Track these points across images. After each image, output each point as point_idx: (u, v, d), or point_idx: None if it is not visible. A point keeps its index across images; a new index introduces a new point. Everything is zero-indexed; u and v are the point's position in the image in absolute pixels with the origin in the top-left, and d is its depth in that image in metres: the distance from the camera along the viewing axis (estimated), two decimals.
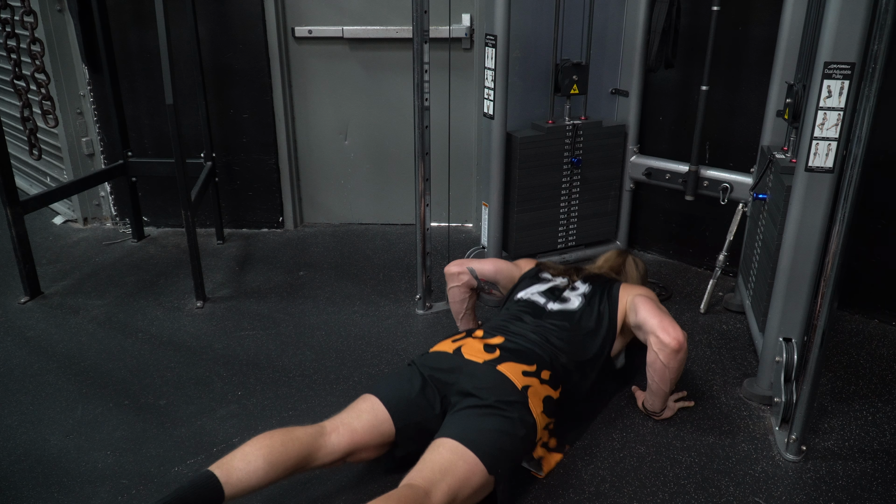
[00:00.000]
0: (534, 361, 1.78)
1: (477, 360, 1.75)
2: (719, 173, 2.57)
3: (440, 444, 1.54)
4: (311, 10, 3.16)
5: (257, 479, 1.48)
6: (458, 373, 1.73)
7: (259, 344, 2.40)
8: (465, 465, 1.50)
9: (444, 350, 1.83)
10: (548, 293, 2.08)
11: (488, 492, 1.58)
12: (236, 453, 1.50)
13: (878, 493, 1.72)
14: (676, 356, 1.81)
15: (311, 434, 1.58)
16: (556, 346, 1.87)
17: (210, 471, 1.46)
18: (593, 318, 1.98)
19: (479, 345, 1.82)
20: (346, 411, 1.68)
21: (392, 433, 1.67)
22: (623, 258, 2.33)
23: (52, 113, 2.86)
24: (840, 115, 1.70)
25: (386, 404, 1.68)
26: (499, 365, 1.73)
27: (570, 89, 2.56)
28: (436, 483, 1.44)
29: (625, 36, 2.71)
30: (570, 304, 2.03)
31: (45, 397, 2.11)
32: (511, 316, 2.01)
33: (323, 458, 1.59)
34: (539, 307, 2.03)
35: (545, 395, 1.74)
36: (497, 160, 2.50)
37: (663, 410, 1.98)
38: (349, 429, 1.63)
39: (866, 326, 2.50)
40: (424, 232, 2.52)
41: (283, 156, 3.31)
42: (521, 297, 2.10)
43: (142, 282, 2.86)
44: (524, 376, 1.72)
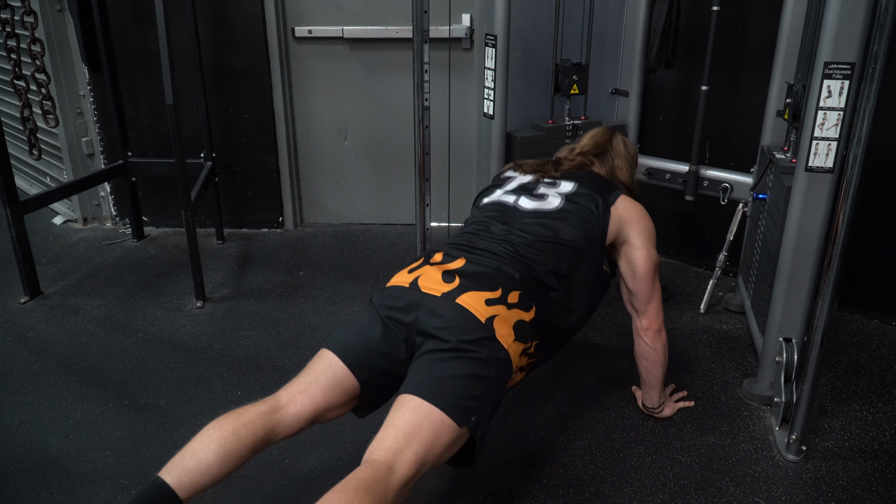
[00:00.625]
0: (498, 285, 1.54)
1: (435, 293, 1.53)
2: (719, 173, 2.56)
3: (402, 402, 1.38)
4: (311, 10, 3.16)
5: (212, 476, 1.35)
6: (415, 310, 1.51)
7: (259, 344, 2.40)
8: (431, 424, 1.34)
9: (399, 283, 1.60)
10: (516, 190, 1.83)
11: (464, 441, 1.42)
12: (185, 452, 1.36)
13: (878, 493, 1.72)
14: (660, 335, 1.83)
15: (264, 412, 1.44)
16: (527, 255, 1.63)
17: (159, 477, 1.32)
18: (575, 223, 1.72)
19: (438, 273, 1.58)
20: (302, 374, 1.52)
21: (357, 387, 1.51)
22: (610, 136, 2.06)
23: (52, 113, 2.86)
24: (840, 115, 1.70)
25: (344, 359, 1.51)
26: (459, 297, 1.51)
27: (570, 89, 2.56)
28: (399, 451, 1.29)
29: (625, 36, 2.71)
30: (547, 203, 1.77)
31: (45, 397, 2.11)
32: (478, 227, 1.76)
33: (285, 431, 1.46)
34: (508, 207, 1.78)
35: (515, 320, 1.53)
36: (497, 160, 2.49)
37: (663, 407, 1.97)
38: (307, 395, 1.48)
39: (866, 326, 2.50)
40: (424, 232, 2.52)
41: (283, 156, 3.31)
42: (487, 200, 1.86)
43: (142, 282, 2.86)
44: (488, 305, 1.51)
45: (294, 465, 1.82)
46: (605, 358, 2.31)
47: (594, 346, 2.40)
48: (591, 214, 1.75)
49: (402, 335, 1.51)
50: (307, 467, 1.81)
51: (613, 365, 2.27)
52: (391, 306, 1.55)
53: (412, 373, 1.45)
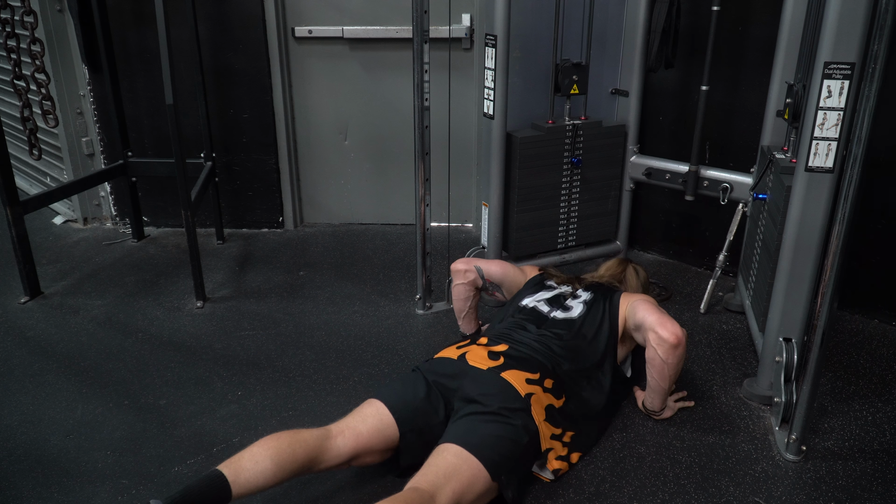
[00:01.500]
0: (537, 370, 1.78)
1: (481, 367, 1.77)
2: (719, 173, 2.57)
3: (444, 448, 1.56)
4: (311, 10, 3.16)
5: (264, 480, 1.49)
6: (461, 378, 1.75)
7: (259, 344, 2.40)
8: (469, 470, 1.51)
9: (448, 356, 1.85)
10: (551, 301, 2.08)
11: (491, 497, 1.59)
12: (244, 453, 1.52)
13: (878, 493, 1.72)
14: (675, 351, 1.81)
15: (317, 437, 1.59)
16: (557, 354, 1.87)
17: (218, 469, 1.48)
18: (594, 326, 1.98)
19: (484, 352, 1.83)
20: (351, 415, 1.69)
21: (396, 438, 1.68)
22: (624, 267, 2.34)
23: (52, 113, 2.86)
24: (840, 115, 1.70)
25: (390, 409, 1.69)
26: (503, 372, 1.74)
27: (570, 89, 2.56)
28: (440, 487, 1.46)
29: (625, 36, 2.71)
30: (572, 313, 2.03)
31: (45, 397, 2.11)
32: (515, 324, 2.01)
33: (328, 461, 1.60)
34: (542, 316, 2.03)
35: (547, 403, 1.75)
36: (497, 160, 2.50)
37: (663, 410, 1.98)
38: (354, 432, 1.64)
39: (866, 326, 2.50)
40: (424, 232, 2.52)
41: (283, 156, 3.31)
42: (524, 304, 2.09)
43: (142, 282, 2.86)
44: (527, 384, 1.73)
45: None
46: None
47: None
48: (605, 316, 2.00)
49: (444, 398, 1.74)
50: None
51: None
52: (439, 372, 1.79)
53: (452, 428, 1.64)
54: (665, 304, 2.66)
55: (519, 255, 2.72)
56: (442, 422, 1.71)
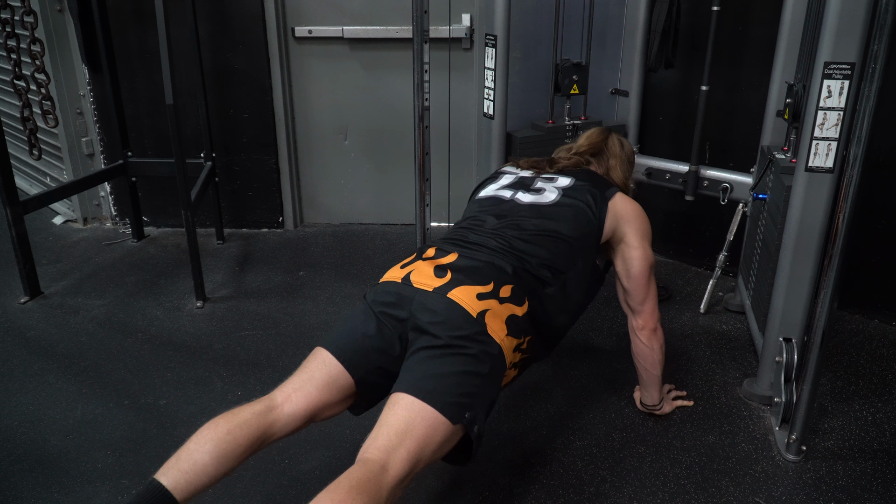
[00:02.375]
0: (490, 279, 1.53)
1: (426, 288, 1.52)
2: (719, 173, 2.56)
3: (395, 401, 1.37)
4: (311, 10, 3.16)
5: (208, 477, 1.34)
6: (408, 305, 1.50)
7: (259, 344, 2.40)
8: (424, 422, 1.33)
9: (392, 279, 1.60)
10: (513, 185, 1.82)
11: (458, 438, 1.41)
12: (180, 453, 1.35)
13: (878, 493, 1.72)
14: (656, 334, 1.82)
15: (259, 412, 1.42)
16: (521, 249, 1.62)
17: (155, 479, 1.31)
18: (571, 217, 1.71)
19: (430, 267, 1.58)
20: (297, 373, 1.51)
21: (352, 385, 1.50)
22: (606, 135, 2.06)
23: (52, 113, 2.86)
24: (840, 115, 1.70)
25: (338, 357, 1.50)
26: (450, 291, 1.50)
27: (570, 89, 2.56)
28: (393, 450, 1.28)
29: (625, 36, 2.71)
30: (542, 197, 1.76)
31: (45, 397, 2.11)
32: (472, 221, 1.75)
33: (281, 431, 1.45)
34: (504, 202, 1.76)
35: (507, 314, 1.52)
36: (497, 160, 2.49)
37: (661, 404, 1.97)
38: (303, 394, 1.46)
39: (866, 326, 2.50)
40: (424, 232, 2.52)
41: (283, 156, 3.31)
42: (482, 195, 1.85)
43: (142, 282, 2.86)
44: (479, 300, 1.49)
45: (294, 465, 1.82)
46: (605, 358, 2.31)
47: (594, 346, 2.40)
48: (588, 208, 1.74)
49: (396, 331, 1.51)
50: (307, 467, 1.81)
51: (613, 365, 2.26)
52: (384, 302, 1.54)
53: (404, 370, 1.44)
54: (665, 304, 2.66)
55: None
56: (398, 356, 1.50)
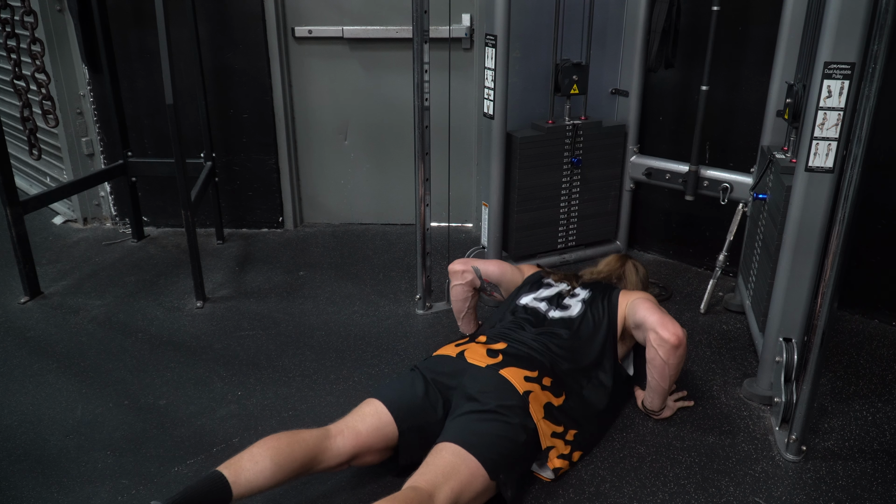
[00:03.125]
0: (535, 367, 1.78)
1: (479, 364, 1.77)
2: (719, 173, 2.57)
3: (442, 447, 1.56)
4: (311, 10, 3.16)
5: (264, 480, 1.50)
6: (460, 376, 1.75)
7: (259, 344, 2.40)
8: (467, 469, 1.52)
9: (447, 354, 1.85)
10: (549, 300, 2.08)
11: (490, 496, 1.59)
12: (244, 454, 1.52)
13: (878, 493, 1.72)
14: (676, 352, 1.81)
15: (316, 437, 1.59)
16: (556, 353, 1.87)
17: (218, 471, 1.48)
18: (592, 324, 1.97)
19: (483, 349, 1.83)
20: (350, 415, 1.69)
21: (395, 436, 1.68)
22: (623, 263, 2.30)
23: (52, 113, 2.86)
24: (840, 115, 1.70)
25: (389, 407, 1.69)
26: (501, 369, 1.74)
27: (570, 89, 2.56)
28: (439, 486, 1.46)
29: (625, 36, 2.71)
30: (571, 311, 2.02)
31: (45, 397, 2.11)
32: (513, 324, 2.01)
33: (328, 461, 1.61)
34: (541, 315, 2.02)
35: (546, 401, 1.74)
36: (497, 160, 2.50)
37: (663, 409, 1.98)
38: (354, 432, 1.64)
39: (866, 326, 2.50)
40: (424, 232, 2.52)
41: (283, 156, 3.31)
42: (522, 303, 2.09)
43: (142, 282, 2.86)
44: (526, 381, 1.73)
45: None
46: None
47: None
48: (604, 314, 1.98)
49: (442, 396, 1.74)
50: None
51: None
52: (437, 370, 1.79)
53: (450, 427, 1.64)
54: (665, 304, 2.66)
55: (519, 255, 2.72)
56: (440, 420, 1.71)
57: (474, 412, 1.64)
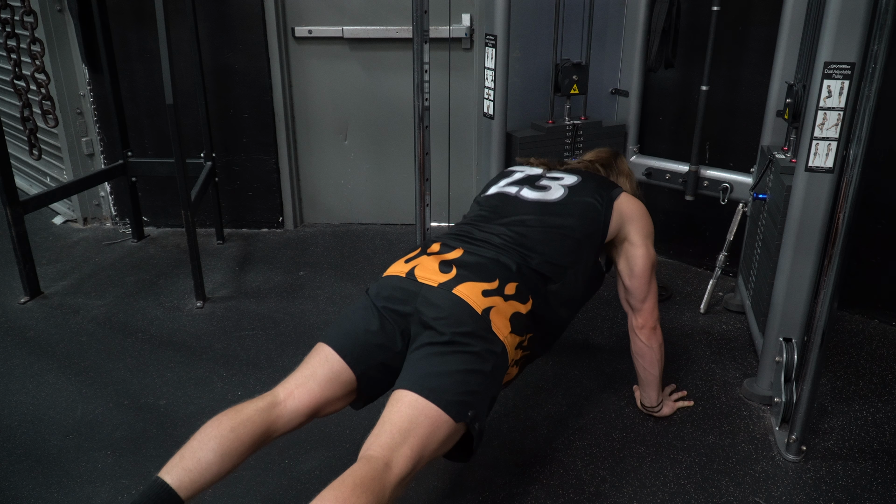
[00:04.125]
0: (495, 276, 1.53)
1: (431, 284, 1.51)
2: (719, 173, 2.57)
3: (398, 398, 1.37)
4: (311, 10, 3.16)
5: (212, 475, 1.34)
6: (412, 301, 1.50)
7: (259, 344, 2.40)
8: (427, 420, 1.33)
9: (396, 273, 1.60)
10: (520, 182, 1.82)
11: (460, 436, 1.41)
12: (184, 451, 1.35)
13: (878, 493, 1.72)
14: (655, 332, 1.82)
15: (262, 409, 1.42)
16: (526, 246, 1.63)
17: (159, 477, 1.31)
18: (577, 214, 1.71)
19: (435, 263, 1.57)
20: (299, 369, 1.51)
21: (354, 380, 1.50)
22: (614, 153, 2.06)
23: (52, 113, 2.86)
24: (840, 115, 1.70)
25: (340, 352, 1.50)
26: (456, 287, 1.49)
27: (570, 89, 2.56)
28: (396, 447, 1.29)
29: (625, 36, 2.71)
30: (548, 194, 1.76)
31: (45, 397, 2.11)
32: (477, 216, 1.76)
33: (284, 427, 1.45)
34: (509, 198, 1.76)
35: (512, 312, 1.51)
36: (497, 160, 2.49)
37: (661, 406, 1.97)
38: (305, 389, 1.46)
39: (866, 326, 2.50)
40: (424, 232, 2.52)
41: (283, 156, 3.31)
42: (490, 192, 1.85)
43: (142, 282, 2.86)
44: (484, 296, 1.49)
45: (294, 465, 1.82)
46: (605, 358, 2.31)
47: (594, 346, 2.40)
48: (593, 208, 1.74)
49: (398, 326, 1.51)
50: (307, 467, 1.81)
51: (613, 365, 2.26)
52: (388, 297, 1.54)
53: (407, 367, 1.44)
54: (665, 304, 2.66)
55: None
56: (401, 352, 1.50)
57: (430, 344, 1.43)
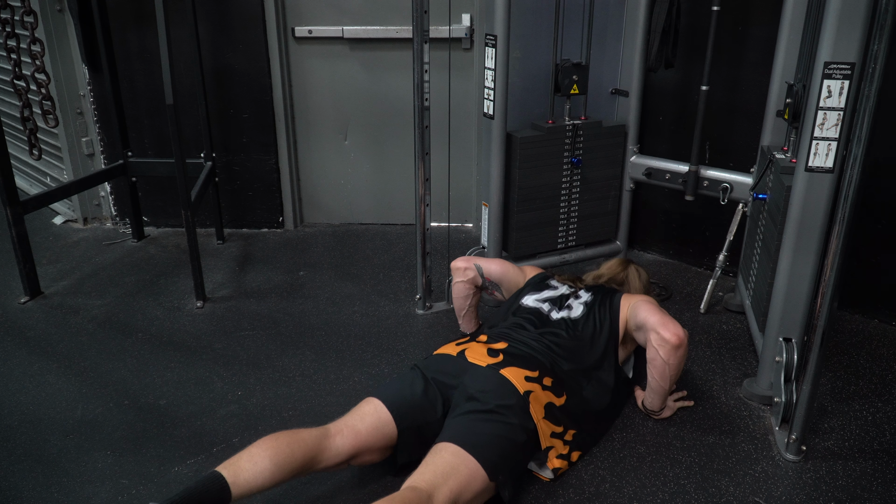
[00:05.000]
0: (536, 367, 1.78)
1: (480, 364, 1.77)
2: (719, 173, 2.56)
3: (442, 447, 1.56)
4: (311, 10, 3.16)
5: (263, 480, 1.49)
6: (461, 375, 1.75)
7: (259, 344, 2.40)
8: (467, 470, 1.52)
9: (447, 353, 1.86)
10: (552, 301, 2.08)
11: (489, 496, 1.59)
12: (243, 454, 1.51)
13: (878, 493, 1.72)
14: (676, 352, 1.81)
15: (315, 436, 1.59)
16: (557, 353, 1.88)
17: (217, 471, 1.47)
18: (594, 326, 1.98)
19: (483, 349, 1.84)
20: (349, 414, 1.69)
21: (394, 435, 1.68)
22: (625, 267, 2.32)
23: (52, 113, 2.86)
24: (840, 115, 1.70)
25: (388, 406, 1.69)
26: (502, 369, 1.74)
27: (570, 89, 2.56)
28: (438, 486, 1.46)
29: (625, 36, 2.71)
30: (573, 313, 2.03)
31: (45, 397, 2.11)
32: (514, 323, 2.01)
33: (327, 461, 1.60)
34: (543, 315, 2.03)
35: (547, 401, 1.74)
36: (497, 160, 2.49)
37: (663, 409, 1.98)
38: (353, 431, 1.64)
39: (866, 326, 2.50)
40: (424, 232, 2.52)
41: (283, 156, 3.31)
42: (525, 304, 2.10)
43: (142, 282, 2.86)
44: (526, 381, 1.73)
45: None
46: None
47: None
48: (606, 320, 1.98)
49: (442, 395, 1.74)
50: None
51: None
52: (437, 369, 1.79)
53: (449, 426, 1.63)
54: (665, 304, 2.66)
55: (519, 254, 2.72)
56: (440, 419, 1.71)
57: (474, 412, 1.64)
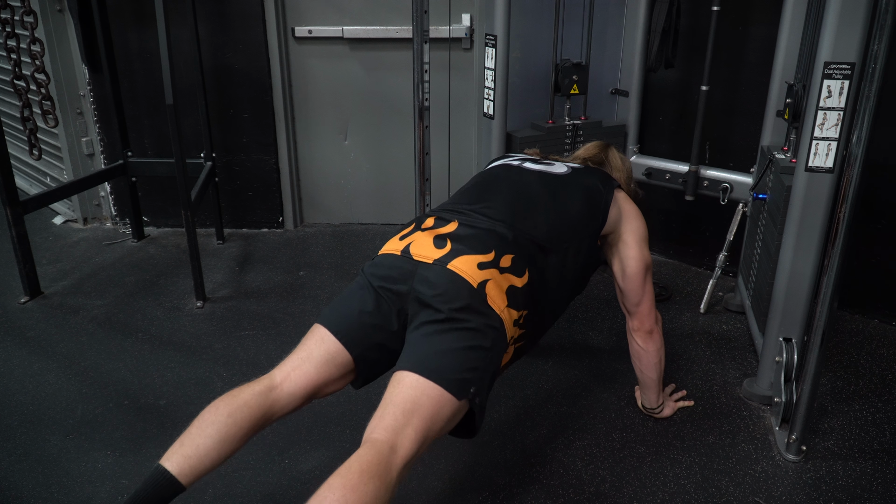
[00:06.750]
0: (491, 247, 1.49)
1: (427, 261, 1.48)
2: (719, 173, 2.56)
3: (399, 379, 1.35)
4: (311, 10, 3.16)
5: (211, 460, 1.34)
6: (408, 279, 1.46)
7: (259, 344, 2.40)
8: (430, 400, 1.31)
9: (391, 252, 1.55)
10: (522, 159, 1.81)
11: (463, 413, 1.39)
12: (183, 438, 1.35)
13: (878, 493, 1.72)
14: (651, 337, 1.81)
15: (259, 393, 1.42)
16: (529, 211, 1.58)
17: (160, 465, 1.32)
18: (580, 192, 1.67)
19: (429, 238, 1.52)
20: (295, 351, 1.50)
21: (350, 362, 1.48)
22: (605, 148, 2.01)
23: (52, 113, 2.86)
24: (840, 115, 1.70)
25: (336, 334, 1.48)
26: (451, 262, 1.46)
27: (570, 89, 2.56)
28: (400, 430, 1.27)
29: (625, 36, 2.71)
30: (554, 168, 1.73)
31: (45, 397, 2.11)
32: (476, 183, 1.71)
33: (283, 410, 1.44)
34: (513, 168, 1.74)
35: (507, 285, 1.47)
36: None
37: (662, 407, 1.98)
38: (302, 372, 1.45)
39: (866, 326, 2.50)
40: None
41: (283, 156, 3.31)
42: (491, 165, 1.84)
43: (142, 282, 2.86)
44: (480, 269, 1.45)
45: (294, 465, 1.82)
46: (605, 358, 2.31)
47: (594, 346, 2.40)
48: (597, 190, 1.72)
49: (394, 306, 1.47)
50: (307, 467, 1.81)
51: (613, 365, 2.26)
52: (383, 276, 1.50)
53: (408, 348, 1.42)
54: (665, 304, 2.66)
55: None
56: (398, 332, 1.47)
57: (429, 323, 1.40)
